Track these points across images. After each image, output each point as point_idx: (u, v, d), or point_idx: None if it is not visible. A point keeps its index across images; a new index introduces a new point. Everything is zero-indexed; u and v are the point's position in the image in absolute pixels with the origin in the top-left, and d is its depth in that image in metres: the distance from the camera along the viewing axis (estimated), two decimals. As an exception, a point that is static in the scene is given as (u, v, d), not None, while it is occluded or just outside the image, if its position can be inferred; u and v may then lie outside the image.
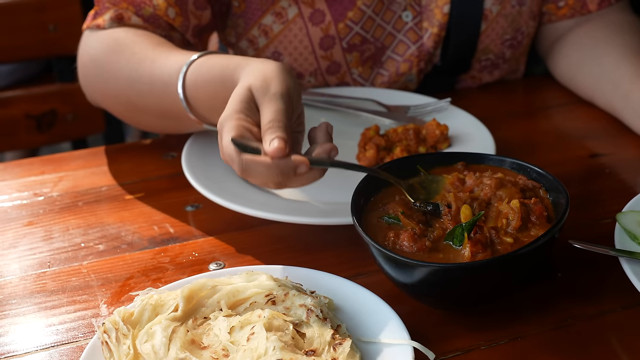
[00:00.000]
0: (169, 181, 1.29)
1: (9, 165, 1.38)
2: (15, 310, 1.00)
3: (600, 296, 0.98)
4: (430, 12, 1.49)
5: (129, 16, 1.33)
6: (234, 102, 0.97)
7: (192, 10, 1.37)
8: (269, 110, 0.95)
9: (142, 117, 1.32)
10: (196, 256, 1.09)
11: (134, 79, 1.24)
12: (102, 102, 1.38)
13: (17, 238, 1.15)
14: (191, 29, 1.39)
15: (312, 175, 0.94)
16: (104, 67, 1.31)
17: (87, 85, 1.39)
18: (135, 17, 1.33)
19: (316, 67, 1.49)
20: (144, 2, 1.33)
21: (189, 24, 1.38)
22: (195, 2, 1.37)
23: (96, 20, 1.35)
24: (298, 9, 1.44)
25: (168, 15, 1.34)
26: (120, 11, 1.33)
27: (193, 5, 1.37)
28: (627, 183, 1.24)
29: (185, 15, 1.36)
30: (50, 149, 3.19)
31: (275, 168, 0.91)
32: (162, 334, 0.86)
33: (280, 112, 0.94)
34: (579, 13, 1.58)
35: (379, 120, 1.39)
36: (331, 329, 0.87)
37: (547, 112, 1.52)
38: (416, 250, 0.91)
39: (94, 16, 1.36)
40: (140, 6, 1.33)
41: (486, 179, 0.99)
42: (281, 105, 0.95)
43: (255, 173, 0.93)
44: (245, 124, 0.95)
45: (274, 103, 0.95)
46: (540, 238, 0.88)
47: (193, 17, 1.38)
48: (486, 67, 1.59)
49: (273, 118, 0.93)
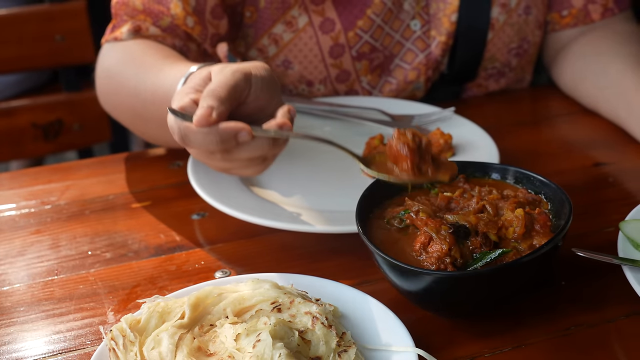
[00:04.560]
0: (175, 190, 1.30)
1: (16, 174, 1.39)
2: (24, 317, 1.01)
3: (604, 304, 0.98)
4: (438, 21, 1.50)
5: (147, 27, 1.35)
6: (190, 80, 1.00)
7: (210, 19, 1.39)
8: (213, 81, 0.96)
9: (146, 127, 1.33)
10: (202, 264, 1.10)
11: (139, 89, 1.26)
12: (113, 112, 1.40)
13: (25, 246, 1.16)
14: (209, 38, 1.41)
15: (258, 146, 0.94)
16: (114, 77, 1.33)
17: (100, 95, 1.41)
18: (153, 27, 1.35)
19: (326, 75, 1.50)
20: (162, 12, 1.35)
21: (207, 33, 1.39)
22: (212, 12, 1.39)
23: (114, 33, 1.38)
24: (308, 18, 1.45)
25: (187, 25, 1.36)
26: (137, 23, 1.35)
27: (210, 14, 1.39)
28: (631, 192, 1.25)
29: (203, 25, 1.38)
30: (55, 158, 3.20)
31: (212, 134, 0.91)
32: (169, 341, 0.87)
33: (221, 84, 0.94)
34: (582, 22, 1.59)
35: (383, 130, 1.40)
36: (336, 336, 0.88)
37: (551, 122, 1.53)
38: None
39: (112, 29, 1.39)
40: (159, 17, 1.35)
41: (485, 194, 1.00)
42: (227, 78, 0.95)
43: (195, 141, 0.93)
44: (192, 96, 0.96)
45: (220, 76, 0.96)
46: (544, 246, 0.89)
47: (211, 27, 1.40)
48: (492, 75, 1.60)
49: (211, 88, 0.94)
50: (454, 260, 0.91)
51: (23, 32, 2.08)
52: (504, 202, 0.98)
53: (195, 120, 0.90)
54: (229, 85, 0.95)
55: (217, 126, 0.91)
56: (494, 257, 0.91)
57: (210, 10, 1.39)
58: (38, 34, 2.09)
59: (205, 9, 1.38)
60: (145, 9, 1.36)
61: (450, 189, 1.03)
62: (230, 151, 0.94)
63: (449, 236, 0.91)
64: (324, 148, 1.36)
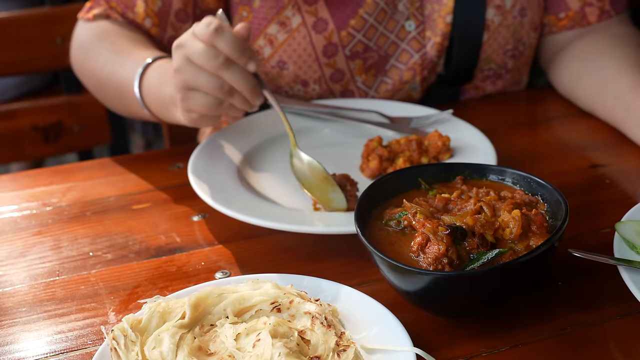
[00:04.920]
0: (175, 191, 1.31)
1: (17, 175, 1.40)
2: (25, 317, 1.02)
3: (600, 304, 0.99)
4: (433, 22, 1.51)
5: (115, 16, 1.50)
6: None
7: (173, 22, 1.50)
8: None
9: (107, 97, 1.51)
10: (202, 265, 1.11)
11: (108, 64, 1.43)
12: (83, 80, 1.57)
13: (27, 247, 1.17)
14: (167, 39, 1.52)
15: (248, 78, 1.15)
16: (87, 50, 1.50)
17: (74, 65, 1.57)
18: (120, 17, 1.50)
19: (320, 74, 1.51)
20: (128, 7, 1.48)
21: (164, 35, 1.51)
22: (176, 14, 1.50)
23: (88, 13, 1.52)
24: (302, 18, 1.47)
25: (144, 25, 1.48)
26: (109, 11, 1.50)
27: (174, 16, 1.49)
28: (627, 193, 1.26)
29: (162, 27, 1.50)
30: (55, 161, 3.21)
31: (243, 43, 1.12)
32: (170, 341, 0.88)
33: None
34: (579, 25, 1.60)
35: (382, 132, 1.41)
36: (335, 335, 0.89)
37: (548, 124, 1.54)
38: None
39: (88, 9, 1.53)
40: (127, 9, 1.48)
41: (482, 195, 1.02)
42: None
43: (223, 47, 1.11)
44: None
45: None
46: (540, 247, 0.90)
47: (171, 29, 1.51)
48: (489, 77, 1.61)
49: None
50: (451, 261, 0.92)
51: (24, 34, 2.08)
52: (501, 203, 0.99)
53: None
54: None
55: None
56: (491, 258, 0.92)
57: (175, 12, 1.49)
58: (38, 37, 2.10)
59: (170, 10, 1.48)
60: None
61: (448, 191, 1.04)
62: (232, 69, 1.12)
63: (446, 237, 0.92)
64: (325, 150, 1.37)
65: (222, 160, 1.32)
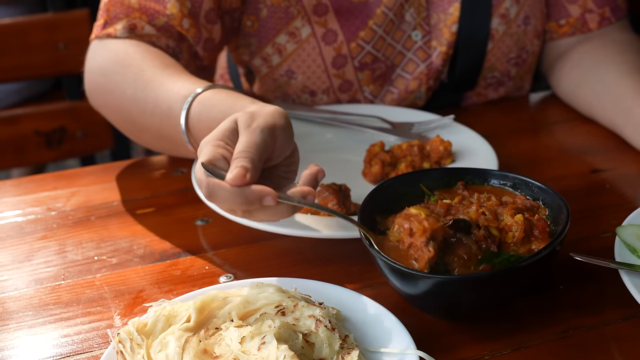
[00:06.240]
0: (178, 196, 1.32)
1: (22, 180, 1.41)
2: (31, 321, 1.03)
3: (601, 307, 1.00)
4: (439, 32, 1.52)
5: (142, 25, 1.35)
6: (217, 130, 0.99)
7: (204, 23, 1.40)
8: (243, 140, 0.96)
9: (141, 134, 1.33)
10: (207, 269, 1.12)
11: (138, 97, 1.25)
12: (104, 111, 1.39)
13: (32, 252, 1.18)
14: (202, 41, 1.42)
15: (280, 211, 0.94)
16: (110, 77, 1.32)
17: (91, 92, 1.39)
18: (149, 26, 1.35)
19: (328, 85, 1.52)
20: (158, 12, 1.35)
21: (200, 36, 1.40)
22: (206, 15, 1.40)
23: (106, 29, 1.36)
24: (311, 29, 1.47)
25: (182, 26, 1.36)
26: (133, 21, 1.35)
27: (204, 18, 1.40)
28: (627, 198, 1.27)
29: (197, 27, 1.39)
30: (57, 166, 3.22)
31: (240, 196, 0.91)
32: (176, 344, 0.89)
33: (252, 145, 0.95)
34: (579, 31, 1.61)
35: (384, 137, 1.42)
36: (339, 339, 0.89)
37: (549, 129, 1.55)
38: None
39: (103, 26, 1.37)
40: (154, 15, 1.35)
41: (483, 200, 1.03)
42: (257, 138, 0.96)
43: (221, 198, 0.93)
44: (221, 151, 0.96)
45: (250, 135, 0.96)
46: (542, 250, 0.91)
47: (205, 30, 1.41)
48: (492, 84, 1.62)
49: (243, 149, 0.94)
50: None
51: (26, 40, 2.10)
52: (502, 208, 1.00)
53: (229, 180, 0.91)
54: (259, 146, 0.95)
55: (245, 187, 0.92)
56: (498, 262, 0.93)
57: (205, 14, 1.40)
58: (41, 42, 2.11)
59: (200, 12, 1.39)
60: (140, 7, 1.35)
61: (450, 196, 1.05)
62: (252, 212, 0.95)
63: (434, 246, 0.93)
64: (328, 155, 1.38)
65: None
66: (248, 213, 0.95)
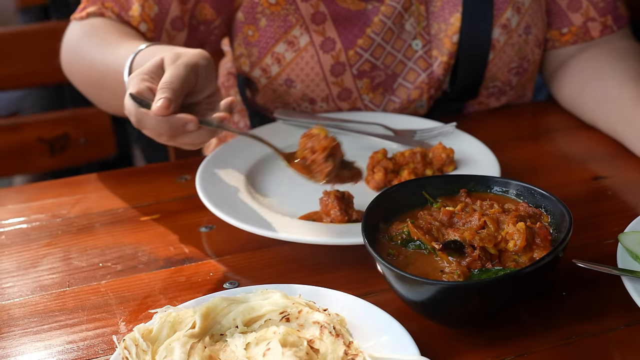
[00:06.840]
0: (183, 203, 1.32)
1: (26, 187, 1.42)
2: (37, 327, 1.03)
3: (604, 314, 1.00)
4: (439, 41, 1.53)
5: (110, 15, 1.48)
6: (145, 66, 1.13)
7: (168, 29, 1.48)
8: (168, 74, 1.08)
9: (99, 95, 1.48)
10: (211, 276, 1.13)
11: (96, 61, 1.39)
12: (73, 79, 1.53)
13: (37, 258, 1.19)
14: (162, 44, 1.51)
15: (201, 135, 1.09)
16: (75, 48, 1.47)
17: (63, 65, 1.54)
18: (115, 17, 1.47)
19: (327, 93, 1.53)
20: (124, 9, 1.46)
21: (158, 41, 1.49)
22: (172, 22, 1.48)
23: (81, 12, 1.49)
24: (309, 38, 1.48)
25: (139, 29, 1.47)
26: (103, 10, 1.47)
27: (170, 24, 1.48)
28: (629, 204, 1.28)
29: (157, 33, 1.48)
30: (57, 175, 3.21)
31: (165, 122, 1.06)
32: (181, 350, 0.89)
33: (175, 77, 1.07)
34: (581, 40, 1.62)
35: (386, 144, 1.42)
36: (344, 345, 0.90)
37: (551, 136, 1.56)
38: None
39: (81, 9, 1.50)
40: (121, 12, 1.46)
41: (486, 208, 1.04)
42: (180, 72, 1.08)
43: (148, 125, 1.08)
44: (147, 84, 1.09)
45: (174, 69, 1.09)
46: (545, 257, 0.92)
47: (166, 35, 1.49)
48: (493, 93, 1.63)
49: (167, 80, 1.07)
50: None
51: (30, 48, 2.10)
52: (505, 215, 1.01)
53: (154, 110, 1.04)
54: (182, 79, 1.08)
55: (170, 116, 1.05)
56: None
57: (171, 20, 1.48)
58: (45, 50, 2.10)
59: (166, 18, 1.47)
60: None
61: (452, 204, 1.06)
62: (177, 137, 1.08)
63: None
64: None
65: (229, 172, 1.33)
66: (173, 138, 1.09)
